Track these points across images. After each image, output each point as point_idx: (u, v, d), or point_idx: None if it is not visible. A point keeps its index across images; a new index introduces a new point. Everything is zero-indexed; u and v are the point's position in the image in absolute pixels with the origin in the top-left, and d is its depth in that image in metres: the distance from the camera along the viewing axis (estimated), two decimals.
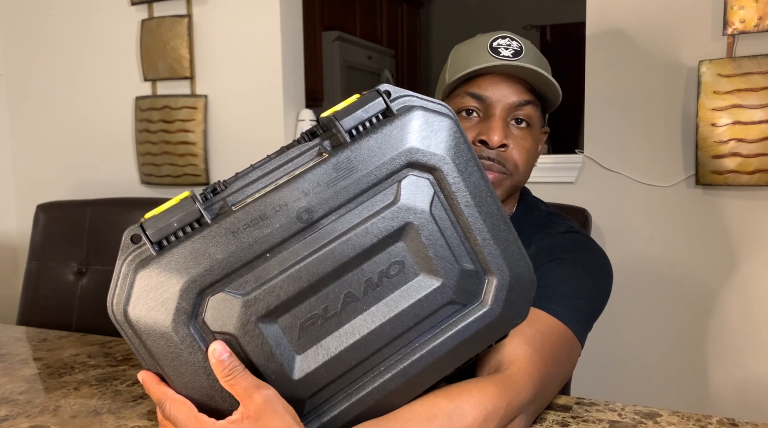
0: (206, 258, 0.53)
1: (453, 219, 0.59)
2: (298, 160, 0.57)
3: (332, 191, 0.55)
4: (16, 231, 2.42)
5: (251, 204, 0.54)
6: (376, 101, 0.57)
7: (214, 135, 2.04)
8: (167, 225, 0.53)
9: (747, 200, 1.43)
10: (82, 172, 2.27)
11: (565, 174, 1.59)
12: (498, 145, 0.84)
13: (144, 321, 0.53)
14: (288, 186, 0.55)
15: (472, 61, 0.86)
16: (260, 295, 0.54)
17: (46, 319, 1.52)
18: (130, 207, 1.60)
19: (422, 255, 0.59)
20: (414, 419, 0.60)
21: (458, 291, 0.60)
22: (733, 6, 1.37)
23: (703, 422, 0.74)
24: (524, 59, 0.84)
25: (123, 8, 2.12)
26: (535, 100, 0.87)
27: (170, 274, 0.53)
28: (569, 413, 0.77)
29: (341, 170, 0.56)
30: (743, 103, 1.38)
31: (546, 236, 0.91)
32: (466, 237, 0.60)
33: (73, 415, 0.79)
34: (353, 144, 0.56)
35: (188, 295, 0.53)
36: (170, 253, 0.53)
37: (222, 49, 2.00)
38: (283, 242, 0.54)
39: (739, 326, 1.46)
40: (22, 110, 2.37)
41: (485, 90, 0.86)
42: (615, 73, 1.52)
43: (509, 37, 0.86)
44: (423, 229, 0.58)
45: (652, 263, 1.52)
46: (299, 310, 0.56)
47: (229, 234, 0.53)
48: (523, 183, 0.93)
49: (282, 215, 0.54)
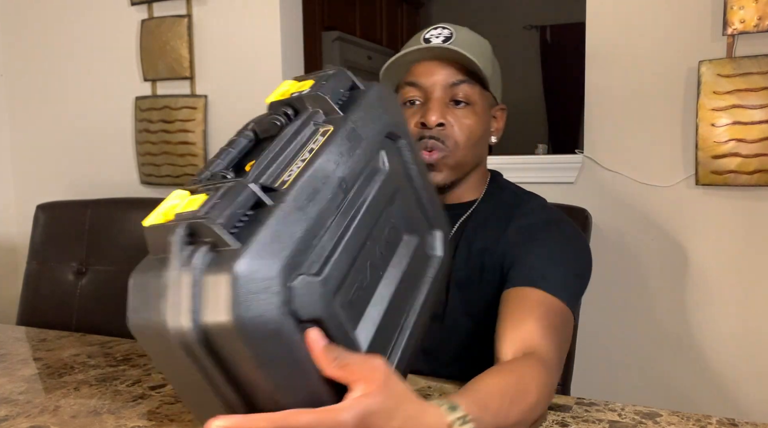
0: (289, 238, 0.47)
1: (413, 182, 0.67)
2: (301, 137, 0.56)
3: (353, 160, 0.56)
4: (16, 231, 2.42)
5: (300, 179, 0.51)
6: (344, 78, 0.61)
7: (214, 135, 2.04)
8: (232, 213, 0.46)
9: (747, 200, 1.43)
10: (82, 172, 2.27)
11: (565, 174, 1.59)
12: (435, 125, 0.90)
13: (242, 326, 0.44)
14: (320, 158, 0.53)
15: (408, 55, 0.92)
16: (330, 273, 0.50)
17: (46, 319, 1.52)
18: (130, 207, 1.60)
19: (404, 217, 0.64)
20: (490, 394, 0.63)
21: (427, 246, 0.69)
22: (732, 6, 1.37)
23: (702, 422, 0.74)
24: (454, 44, 0.89)
25: (123, 8, 2.13)
26: (469, 80, 0.92)
27: (264, 263, 0.45)
28: (569, 413, 0.77)
29: (353, 140, 0.56)
30: (743, 103, 1.38)
31: (524, 215, 0.95)
32: (421, 197, 0.68)
33: (73, 415, 0.79)
34: (348, 116, 0.57)
35: (283, 282, 0.46)
36: (254, 242, 0.45)
37: (222, 49, 2.00)
38: (335, 214, 0.53)
39: (739, 326, 1.46)
40: (22, 110, 2.36)
41: (419, 77, 0.92)
42: (615, 73, 1.52)
43: (442, 27, 0.93)
44: (404, 193, 0.65)
45: (652, 263, 1.52)
46: (348, 283, 0.54)
47: (299, 212, 0.49)
48: (472, 160, 0.96)
49: (328, 187, 0.52)
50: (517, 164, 1.63)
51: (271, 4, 1.91)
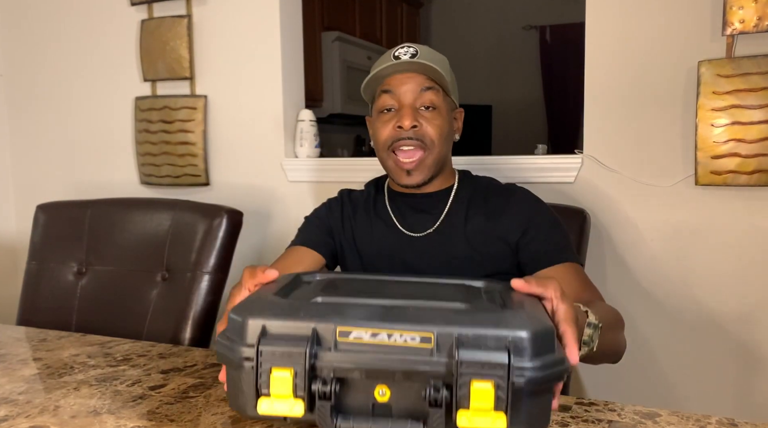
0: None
1: None
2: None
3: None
4: (15, 231, 2.42)
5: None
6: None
7: (213, 135, 2.04)
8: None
9: (746, 200, 1.43)
10: (82, 172, 2.27)
11: (565, 174, 1.59)
12: (410, 127, 1.07)
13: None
14: None
15: (381, 71, 1.10)
16: None
17: (45, 319, 1.52)
18: (130, 207, 1.60)
19: None
20: (604, 310, 0.91)
21: None
22: (732, 6, 1.37)
23: (702, 422, 0.74)
24: (419, 58, 1.07)
25: (123, 8, 2.13)
26: (435, 87, 1.10)
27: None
28: (569, 413, 0.77)
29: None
30: (742, 103, 1.38)
31: (512, 203, 1.13)
32: None
33: (73, 415, 0.79)
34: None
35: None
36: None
37: (221, 50, 2.00)
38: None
39: (738, 326, 1.46)
40: (22, 110, 2.37)
41: (393, 86, 1.10)
42: (614, 73, 1.53)
43: (407, 46, 1.10)
44: None
45: (651, 263, 1.52)
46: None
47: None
48: (444, 155, 1.13)
49: None
50: (517, 164, 1.63)
51: (271, 4, 1.91)
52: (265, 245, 1.98)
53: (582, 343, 0.76)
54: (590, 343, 0.77)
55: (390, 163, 1.11)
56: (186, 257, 1.47)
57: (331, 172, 1.87)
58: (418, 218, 1.15)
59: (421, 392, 0.56)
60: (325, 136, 2.35)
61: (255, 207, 1.97)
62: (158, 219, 1.53)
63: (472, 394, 0.54)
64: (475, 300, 0.70)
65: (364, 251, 1.18)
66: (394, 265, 1.14)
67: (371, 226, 1.18)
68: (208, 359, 1.01)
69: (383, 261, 1.15)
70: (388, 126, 1.10)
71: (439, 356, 0.56)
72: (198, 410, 0.80)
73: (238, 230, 1.52)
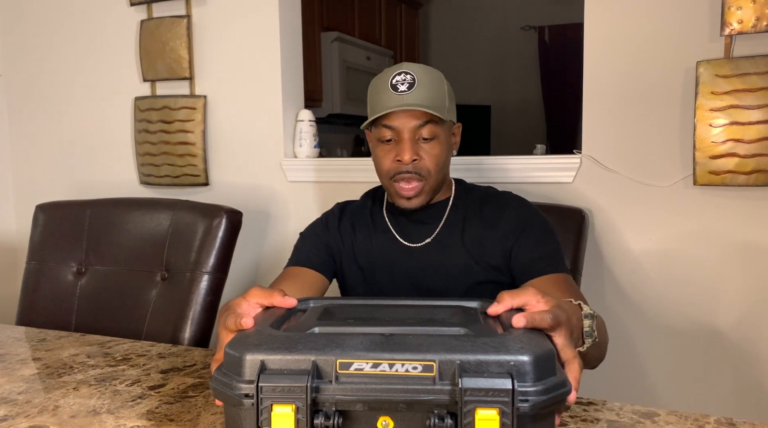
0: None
1: None
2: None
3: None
4: (15, 231, 2.42)
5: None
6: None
7: (213, 135, 2.04)
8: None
9: (744, 200, 1.43)
10: (82, 172, 2.27)
11: (563, 174, 1.59)
12: (410, 161, 1.10)
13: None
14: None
15: (380, 101, 1.11)
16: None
17: (45, 319, 1.52)
18: (130, 207, 1.60)
19: None
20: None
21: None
22: (730, 7, 1.37)
23: (701, 421, 0.74)
24: (417, 89, 1.08)
25: (122, 9, 2.13)
26: (433, 117, 1.10)
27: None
28: (567, 412, 0.77)
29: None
30: (741, 103, 1.38)
31: (507, 211, 1.16)
32: None
33: (72, 415, 0.79)
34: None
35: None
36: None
37: (221, 50, 2.00)
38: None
39: (737, 326, 1.46)
40: (22, 110, 2.37)
41: (393, 121, 1.11)
42: (613, 73, 1.53)
43: (404, 72, 1.10)
44: None
45: (650, 263, 1.53)
46: None
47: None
48: (442, 178, 1.16)
49: None
50: (516, 164, 1.64)
51: (270, 4, 1.91)
52: (264, 245, 1.98)
53: (584, 335, 0.78)
54: (592, 333, 0.78)
55: (391, 189, 1.15)
56: (185, 257, 1.47)
57: (330, 172, 1.87)
58: (416, 229, 1.17)
59: (424, 421, 0.56)
60: (325, 136, 2.35)
61: (254, 207, 1.97)
62: (158, 219, 1.53)
63: (477, 422, 0.54)
64: (474, 324, 0.69)
65: (364, 263, 1.19)
66: (394, 276, 1.16)
67: (371, 238, 1.20)
68: (208, 359, 1.01)
69: (383, 272, 1.17)
70: (389, 157, 1.12)
71: (441, 384, 0.56)
72: (197, 410, 0.80)
73: (237, 230, 1.52)
